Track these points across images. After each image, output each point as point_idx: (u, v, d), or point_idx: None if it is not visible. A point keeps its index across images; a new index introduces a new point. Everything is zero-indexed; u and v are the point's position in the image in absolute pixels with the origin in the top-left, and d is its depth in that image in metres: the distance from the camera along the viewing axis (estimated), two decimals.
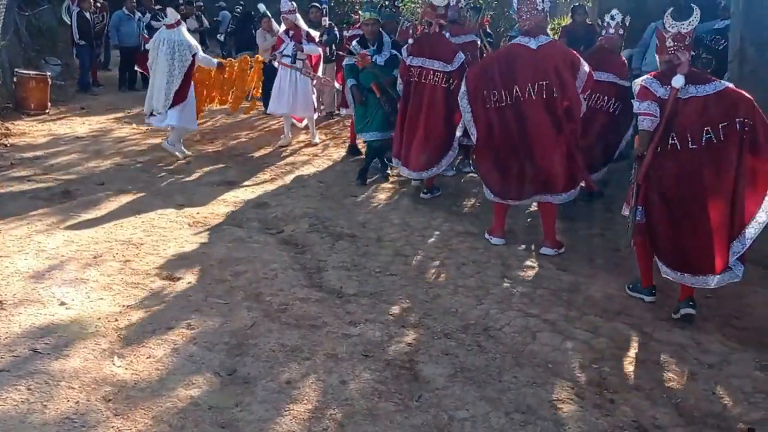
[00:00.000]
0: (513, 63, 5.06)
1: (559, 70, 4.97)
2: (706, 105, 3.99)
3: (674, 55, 4.14)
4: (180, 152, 7.74)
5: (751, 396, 3.28)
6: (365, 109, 6.78)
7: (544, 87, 4.95)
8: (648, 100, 4.05)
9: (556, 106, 4.98)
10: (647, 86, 4.10)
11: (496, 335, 3.89)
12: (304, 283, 4.51)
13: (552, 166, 5.04)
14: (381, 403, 3.20)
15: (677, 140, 4.02)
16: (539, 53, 4.99)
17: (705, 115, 3.98)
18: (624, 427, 3.03)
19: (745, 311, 4.23)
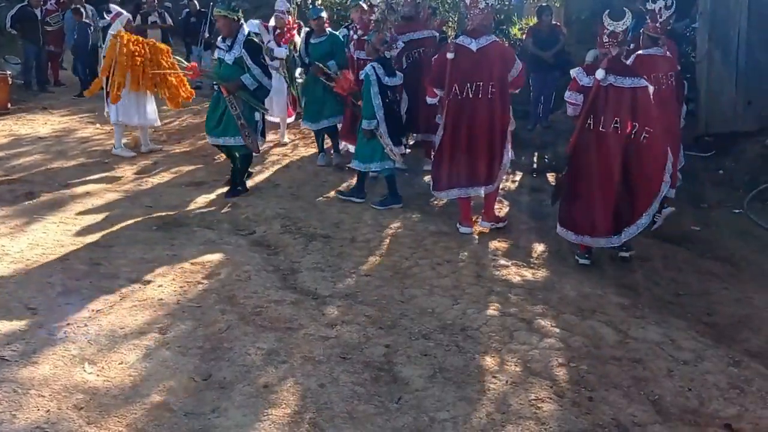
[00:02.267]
0: (458, 62, 5.34)
1: (497, 70, 5.34)
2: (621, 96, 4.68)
3: (608, 49, 4.80)
4: (125, 152, 7.63)
5: (726, 392, 3.33)
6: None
7: (481, 87, 5.31)
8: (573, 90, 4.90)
9: (495, 104, 5.35)
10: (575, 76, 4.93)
11: (473, 335, 3.88)
12: (278, 285, 4.44)
13: (489, 160, 5.46)
14: (361, 405, 3.16)
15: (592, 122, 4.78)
16: (477, 54, 5.30)
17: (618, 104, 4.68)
18: (604, 425, 3.05)
19: (716, 309, 4.31)
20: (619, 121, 4.68)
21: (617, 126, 4.69)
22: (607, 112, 4.70)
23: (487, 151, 5.45)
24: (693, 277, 4.77)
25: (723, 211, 6.10)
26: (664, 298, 4.46)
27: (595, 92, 4.72)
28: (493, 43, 5.42)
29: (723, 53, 7.32)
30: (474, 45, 5.31)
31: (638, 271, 4.90)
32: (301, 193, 6.53)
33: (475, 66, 5.29)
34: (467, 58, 5.30)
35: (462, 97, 5.35)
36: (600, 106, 4.72)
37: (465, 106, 5.36)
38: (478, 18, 5.37)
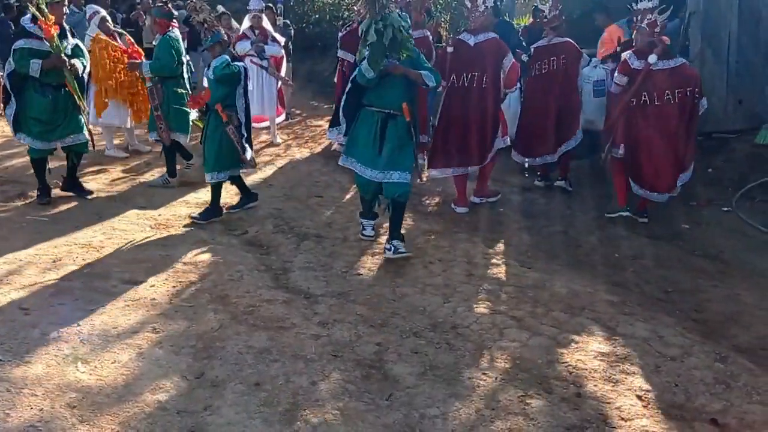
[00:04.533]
0: (457, 55, 6.00)
1: (490, 63, 5.92)
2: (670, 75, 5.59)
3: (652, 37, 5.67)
4: (115, 152, 7.63)
5: (712, 387, 3.36)
6: None
7: (476, 77, 5.92)
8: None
9: (487, 93, 5.94)
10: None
11: (464, 333, 3.91)
12: (270, 285, 4.47)
13: (480, 141, 6.04)
14: (352, 402, 3.19)
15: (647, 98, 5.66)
16: (475, 49, 5.93)
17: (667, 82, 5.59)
18: (591, 420, 3.08)
19: (705, 305, 4.34)
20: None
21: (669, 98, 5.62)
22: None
23: (479, 134, 6.02)
24: (682, 275, 4.81)
25: (713, 209, 6.15)
26: (654, 295, 4.50)
27: (645, 75, 5.59)
28: (490, 39, 5.96)
29: (714, 53, 7.37)
30: (472, 40, 5.95)
31: (629, 269, 4.94)
32: (294, 194, 6.56)
33: (472, 59, 5.92)
34: (465, 52, 5.95)
35: (458, 86, 5.99)
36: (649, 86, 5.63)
37: (461, 93, 5.99)
38: (480, 19, 5.98)
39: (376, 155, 4.87)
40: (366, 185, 5.07)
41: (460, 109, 6.01)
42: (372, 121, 4.89)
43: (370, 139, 4.88)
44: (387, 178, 4.89)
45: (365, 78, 4.74)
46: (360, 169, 4.98)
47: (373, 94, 4.88)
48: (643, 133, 5.71)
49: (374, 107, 4.89)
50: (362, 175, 4.98)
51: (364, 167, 4.94)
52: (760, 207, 6.03)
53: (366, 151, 4.91)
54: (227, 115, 5.54)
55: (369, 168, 4.92)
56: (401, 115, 4.85)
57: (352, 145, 5.04)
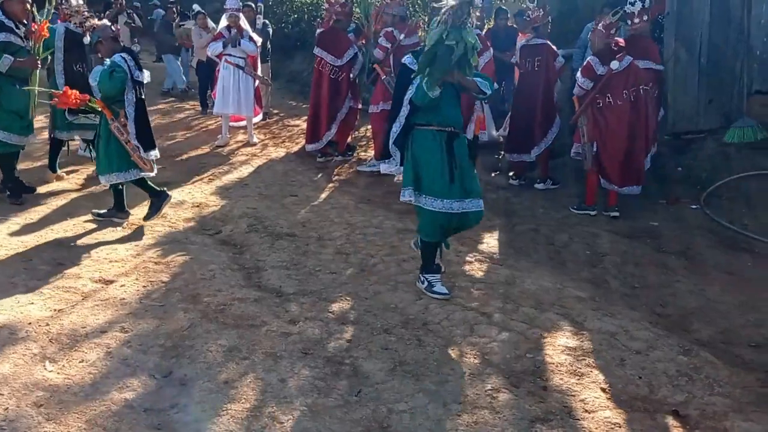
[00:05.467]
0: None
1: None
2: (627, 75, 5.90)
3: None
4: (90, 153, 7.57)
5: (675, 379, 3.43)
6: None
7: None
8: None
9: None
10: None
11: (435, 329, 3.95)
12: (242, 283, 4.47)
13: None
14: (320, 399, 3.21)
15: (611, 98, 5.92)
16: None
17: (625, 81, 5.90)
18: (555, 413, 3.13)
19: (669, 300, 4.42)
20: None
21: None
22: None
23: None
24: (649, 271, 4.89)
25: (681, 207, 6.25)
26: (621, 290, 4.57)
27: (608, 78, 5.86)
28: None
29: (687, 53, 7.48)
30: None
31: (597, 265, 5.01)
32: (269, 193, 6.56)
33: None
34: None
35: None
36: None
37: None
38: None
39: (448, 182, 4.16)
40: (444, 221, 4.26)
41: None
42: (435, 143, 4.19)
43: (438, 164, 4.17)
44: (465, 207, 4.21)
45: (428, 98, 4.06)
46: (428, 201, 4.20)
47: (430, 111, 4.18)
48: (609, 130, 5.95)
49: (434, 126, 4.21)
50: (431, 208, 4.19)
51: (434, 198, 4.18)
52: (727, 205, 6.14)
53: (432, 179, 4.18)
54: (112, 112, 5.31)
55: (440, 199, 4.17)
56: (463, 132, 4.34)
57: (413, 175, 4.24)
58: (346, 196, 6.54)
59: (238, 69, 8.25)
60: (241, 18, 8.31)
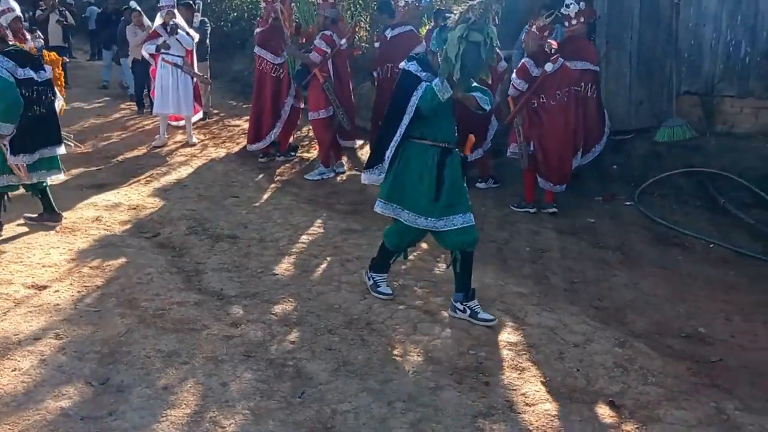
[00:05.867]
0: (380, 49, 6.63)
1: (402, 54, 5.84)
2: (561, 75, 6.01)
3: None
4: None
5: (611, 370, 3.53)
6: None
7: (389, 68, 6.34)
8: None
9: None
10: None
11: (378, 328, 3.95)
12: (181, 287, 4.38)
13: None
14: (263, 402, 3.17)
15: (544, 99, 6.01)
16: (390, 41, 6.44)
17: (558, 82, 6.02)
18: (497, 407, 3.18)
19: (606, 293, 4.55)
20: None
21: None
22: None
23: None
24: (587, 266, 5.02)
25: (616, 203, 6.44)
26: (560, 285, 4.68)
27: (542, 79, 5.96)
28: (404, 32, 6.36)
29: (618, 55, 7.71)
30: (389, 33, 6.49)
31: (537, 261, 5.12)
32: (208, 194, 6.45)
33: (388, 51, 6.44)
34: (384, 45, 6.55)
35: (381, 78, 6.59)
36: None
37: (382, 84, 6.56)
38: (400, 14, 6.46)
39: (432, 200, 3.97)
40: (413, 236, 4.18)
41: (382, 99, 6.48)
42: (426, 158, 3.97)
43: (424, 180, 3.97)
44: (449, 225, 4.01)
45: (436, 101, 3.81)
46: (410, 217, 4.03)
47: (426, 125, 3.95)
48: (543, 130, 6.11)
49: (427, 141, 3.98)
50: (413, 224, 4.03)
51: (417, 215, 4.00)
52: (659, 201, 6.37)
53: (417, 194, 3.99)
54: None
55: (423, 216, 4.00)
56: (456, 149, 4.10)
57: (397, 188, 4.05)
58: (288, 197, 6.49)
59: (177, 68, 8.08)
60: (176, 15, 8.14)
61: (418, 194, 3.99)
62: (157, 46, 8.01)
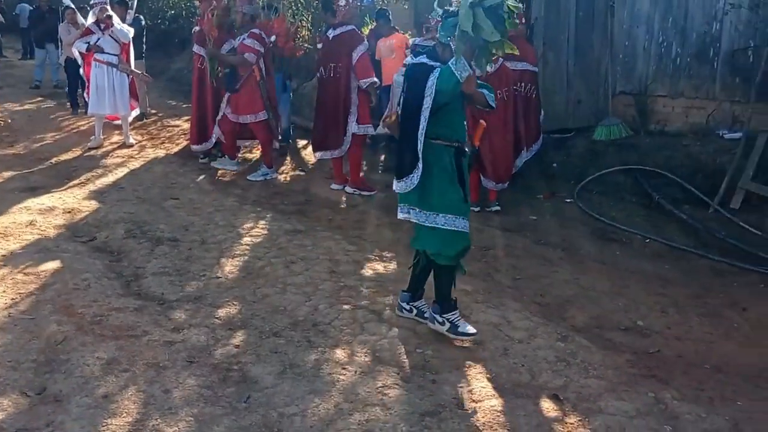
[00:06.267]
0: (322, 49, 6.64)
1: (344, 54, 6.37)
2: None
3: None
4: None
5: (554, 365, 3.60)
6: None
7: (332, 68, 6.41)
8: None
9: (339, 82, 6.41)
10: None
11: (325, 329, 3.93)
12: (120, 292, 4.26)
13: (337, 128, 6.51)
14: (207, 408, 3.11)
15: None
16: (332, 41, 6.45)
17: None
18: (445, 405, 3.20)
19: (547, 290, 4.65)
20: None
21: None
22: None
23: (334, 122, 6.53)
24: (529, 263, 5.12)
25: (556, 201, 6.60)
26: (503, 282, 4.75)
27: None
28: (346, 31, 6.38)
29: (555, 56, 7.89)
30: (331, 33, 6.48)
31: (481, 259, 5.18)
32: (147, 196, 6.29)
33: (330, 51, 6.46)
34: (326, 45, 6.55)
35: (323, 77, 6.54)
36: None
37: (325, 83, 6.55)
38: (341, 13, 6.49)
39: (462, 200, 3.77)
40: (467, 242, 3.86)
41: (324, 97, 6.59)
42: (444, 158, 3.75)
43: (451, 181, 3.75)
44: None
45: (453, 81, 3.56)
46: (456, 222, 3.73)
47: (439, 123, 3.69)
48: (486, 129, 6.09)
49: (441, 140, 3.74)
50: (452, 227, 3.73)
51: (456, 217, 3.73)
52: (597, 198, 6.55)
53: (454, 196, 3.76)
54: None
55: (461, 217, 3.76)
56: (467, 146, 3.91)
57: (426, 193, 3.76)
58: (230, 198, 6.39)
59: (112, 67, 7.84)
60: (109, 10, 7.89)
61: (451, 196, 3.74)
62: (89, 45, 7.76)
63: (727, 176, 6.18)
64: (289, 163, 7.82)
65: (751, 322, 4.26)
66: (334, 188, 6.83)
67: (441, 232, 3.74)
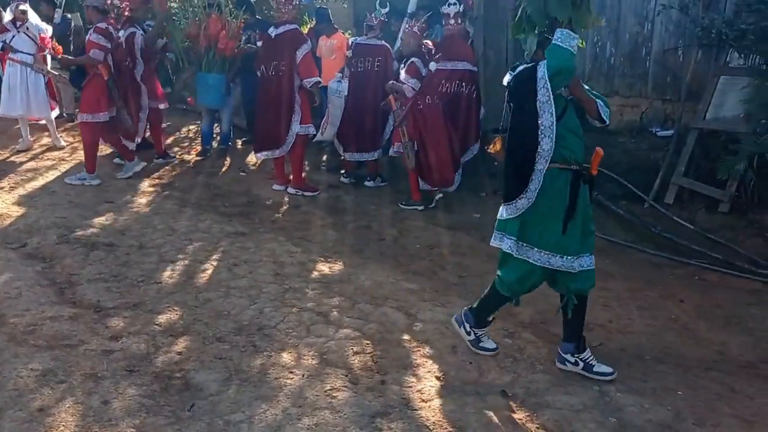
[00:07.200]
0: (264, 47, 6.55)
1: (287, 52, 6.32)
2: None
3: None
4: None
5: (501, 361, 3.62)
6: None
7: (274, 66, 6.36)
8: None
9: (282, 81, 6.36)
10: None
11: (270, 333, 3.85)
12: (54, 300, 4.07)
13: (280, 127, 6.43)
14: (149, 418, 2.99)
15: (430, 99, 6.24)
16: (275, 40, 6.36)
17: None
18: (394, 405, 3.17)
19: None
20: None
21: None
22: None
23: (277, 121, 6.43)
24: (474, 260, 5.15)
25: (498, 199, 6.64)
26: (449, 280, 4.76)
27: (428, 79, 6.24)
28: (289, 30, 6.36)
29: (495, 55, 7.98)
30: (274, 32, 6.38)
31: (426, 257, 5.19)
32: (80, 200, 6.04)
33: (272, 49, 6.37)
34: (268, 43, 6.43)
35: (266, 75, 6.44)
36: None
37: (267, 82, 6.45)
38: (283, 12, 6.43)
39: (560, 235, 3.31)
40: (538, 279, 3.47)
41: (266, 97, 6.49)
42: (557, 184, 3.30)
43: (556, 212, 3.31)
44: (584, 265, 3.37)
45: (565, 54, 3.13)
46: (542, 257, 3.33)
47: (557, 140, 3.23)
48: (426, 130, 6.25)
49: (556, 163, 3.27)
50: (546, 265, 3.34)
51: (550, 254, 3.32)
52: None
53: (550, 229, 3.32)
54: None
55: (558, 255, 3.31)
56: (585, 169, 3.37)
57: (529, 222, 3.36)
58: (170, 201, 6.21)
59: (26, 67, 7.47)
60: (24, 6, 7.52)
61: (548, 229, 3.31)
62: (3, 44, 7.38)
63: (661, 172, 6.38)
64: (228, 164, 7.66)
65: (689, 314, 4.40)
66: (276, 189, 6.73)
67: (516, 262, 3.41)
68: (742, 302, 4.62)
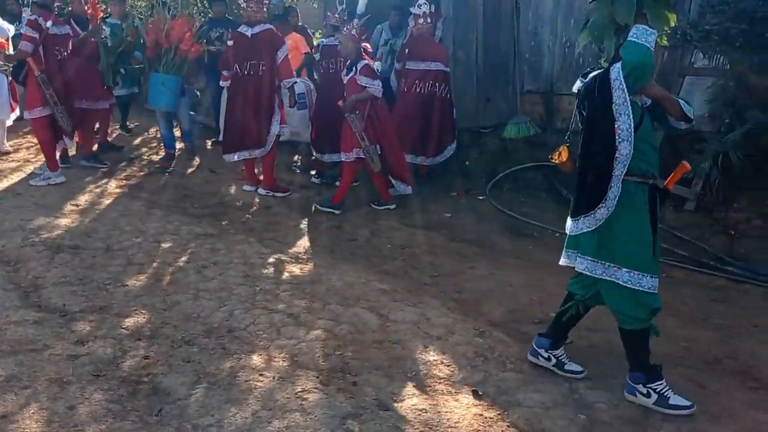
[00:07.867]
0: (237, 46, 6.34)
1: (266, 52, 6.25)
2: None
3: None
4: None
5: (472, 360, 3.63)
6: None
7: (254, 66, 6.26)
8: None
9: (263, 81, 6.27)
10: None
11: (240, 335, 3.80)
12: (18, 304, 3.97)
13: (259, 127, 6.36)
14: (116, 423, 2.93)
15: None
16: (252, 39, 6.26)
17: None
18: (366, 406, 3.15)
19: (464, 286, 4.69)
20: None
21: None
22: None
23: (257, 120, 6.34)
24: (446, 259, 5.16)
25: (470, 198, 6.70)
26: (421, 280, 4.76)
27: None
28: (266, 30, 6.29)
29: (465, 55, 8.03)
30: (249, 31, 6.27)
31: (398, 257, 5.18)
32: (45, 202, 5.92)
33: (249, 49, 6.26)
34: (243, 42, 6.28)
35: (241, 75, 6.31)
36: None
37: (243, 82, 6.32)
38: (255, 11, 6.32)
39: (650, 254, 3.14)
40: (655, 301, 3.17)
41: (243, 96, 6.36)
42: (634, 200, 3.12)
43: (640, 229, 3.13)
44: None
45: (642, 50, 2.95)
46: (635, 279, 3.12)
47: (634, 153, 3.05)
48: (385, 133, 6.18)
49: (634, 176, 3.10)
50: (638, 287, 3.12)
51: (642, 275, 3.11)
52: (509, 195, 6.70)
53: (647, 249, 3.13)
54: None
55: (649, 275, 3.12)
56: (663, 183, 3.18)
57: (607, 241, 3.16)
58: (137, 202, 6.11)
59: None
60: None
61: (643, 248, 3.13)
62: None
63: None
64: (198, 164, 7.57)
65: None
66: (246, 190, 6.68)
67: (625, 290, 3.15)
68: (707, 299, 4.71)
